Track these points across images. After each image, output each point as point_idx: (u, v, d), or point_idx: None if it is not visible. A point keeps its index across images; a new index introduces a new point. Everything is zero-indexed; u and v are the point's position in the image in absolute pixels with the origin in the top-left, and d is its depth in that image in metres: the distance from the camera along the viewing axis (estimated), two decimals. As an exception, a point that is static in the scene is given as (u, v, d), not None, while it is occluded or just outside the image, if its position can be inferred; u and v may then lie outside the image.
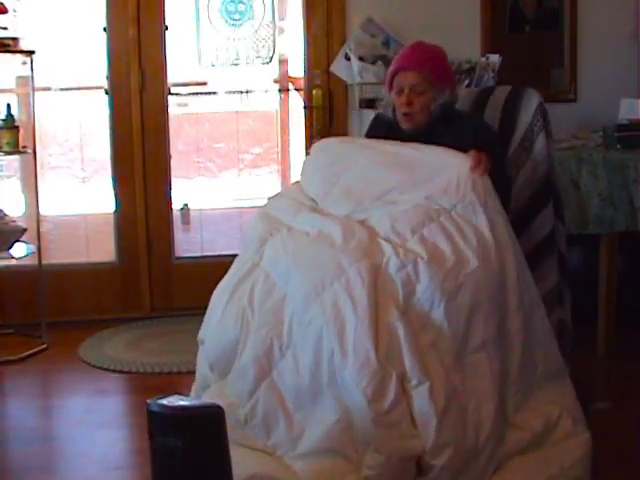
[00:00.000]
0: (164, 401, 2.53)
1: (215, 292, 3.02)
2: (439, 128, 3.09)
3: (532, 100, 3.25)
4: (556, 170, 3.30)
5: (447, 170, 2.84)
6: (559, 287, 3.16)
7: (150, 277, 4.72)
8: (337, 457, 2.54)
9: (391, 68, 3.22)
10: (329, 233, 2.84)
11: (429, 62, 3.13)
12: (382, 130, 3.22)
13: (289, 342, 2.67)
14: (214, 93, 4.93)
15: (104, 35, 4.58)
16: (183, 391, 3.09)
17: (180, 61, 4.75)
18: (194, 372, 3.38)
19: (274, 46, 4.79)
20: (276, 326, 2.70)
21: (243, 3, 4.74)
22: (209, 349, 2.94)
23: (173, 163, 4.74)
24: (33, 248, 4.24)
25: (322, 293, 2.67)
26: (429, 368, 2.52)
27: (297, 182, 3.25)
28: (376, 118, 3.37)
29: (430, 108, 3.10)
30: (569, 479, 2.59)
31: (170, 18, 4.64)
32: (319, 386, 2.59)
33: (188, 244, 4.89)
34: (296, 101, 4.90)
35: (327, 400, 2.58)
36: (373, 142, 3.15)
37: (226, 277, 3.01)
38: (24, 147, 4.23)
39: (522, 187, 3.15)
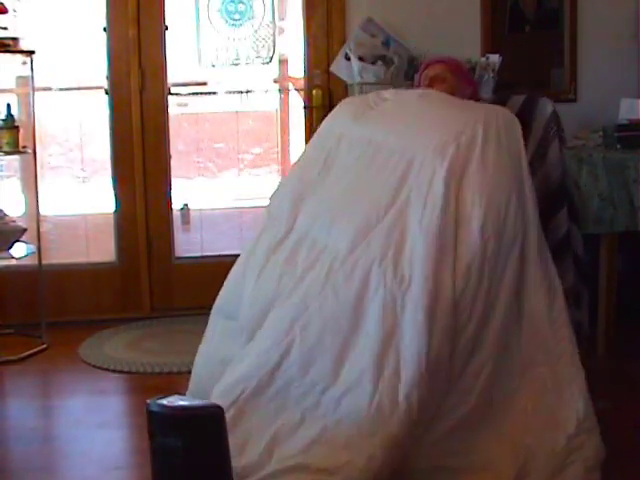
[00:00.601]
0: (164, 401, 2.53)
1: (238, 264, 3.10)
2: None
3: (546, 108, 3.33)
4: (570, 174, 3.36)
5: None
6: (576, 288, 3.19)
7: (150, 277, 4.72)
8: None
9: (422, 67, 3.48)
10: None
11: (455, 61, 3.42)
12: None
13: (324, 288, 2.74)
14: (214, 93, 4.93)
15: (104, 35, 4.58)
16: (183, 391, 3.11)
17: (180, 61, 4.75)
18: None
19: (274, 46, 4.79)
20: (316, 277, 2.78)
21: (243, 3, 4.74)
22: (245, 314, 2.97)
23: (173, 163, 4.74)
24: (33, 248, 4.24)
25: (374, 227, 2.78)
26: None
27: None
28: None
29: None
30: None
31: (170, 18, 4.64)
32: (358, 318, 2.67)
33: (188, 244, 4.90)
34: (296, 101, 4.90)
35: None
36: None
37: (251, 248, 3.10)
38: (24, 147, 4.23)
39: (537, 192, 3.16)
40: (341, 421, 2.61)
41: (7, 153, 4.22)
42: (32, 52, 4.16)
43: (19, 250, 4.20)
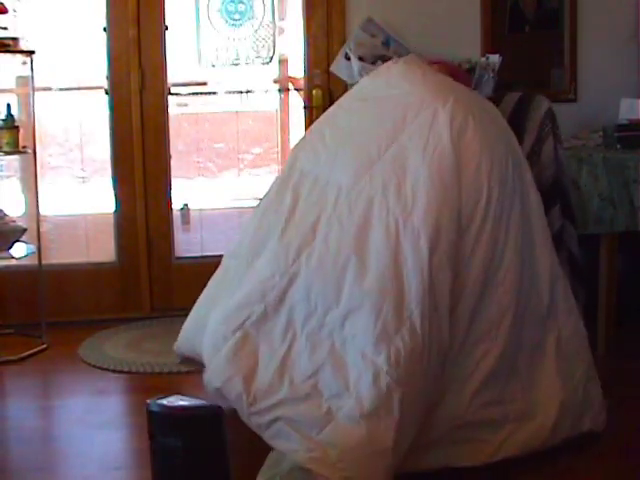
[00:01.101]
0: (164, 401, 2.53)
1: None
2: None
3: (541, 106, 3.34)
4: (565, 172, 3.36)
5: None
6: (571, 286, 3.19)
7: (150, 277, 4.72)
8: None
9: None
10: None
11: (450, 62, 3.57)
12: None
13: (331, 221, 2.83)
14: (214, 93, 4.93)
15: (104, 35, 4.58)
16: (183, 391, 3.11)
17: (180, 61, 4.75)
18: (194, 372, 3.39)
19: (274, 46, 4.79)
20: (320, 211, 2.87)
21: (243, 3, 4.74)
22: (246, 244, 3.10)
23: (173, 163, 4.74)
24: (33, 248, 4.24)
25: (377, 161, 2.87)
26: None
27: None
28: None
29: None
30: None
31: (170, 18, 4.64)
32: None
33: (188, 244, 4.89)
34: (296, 101, 4.90)
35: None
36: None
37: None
38: (24, 147, 4.23)
39: None
40: (346, 341, 2.64)
41: (7, 153, 4.22)
42: (32, 52, 4.16)
43: (19, 250, 4.20)
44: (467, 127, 2.86)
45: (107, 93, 4.63)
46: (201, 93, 4.92)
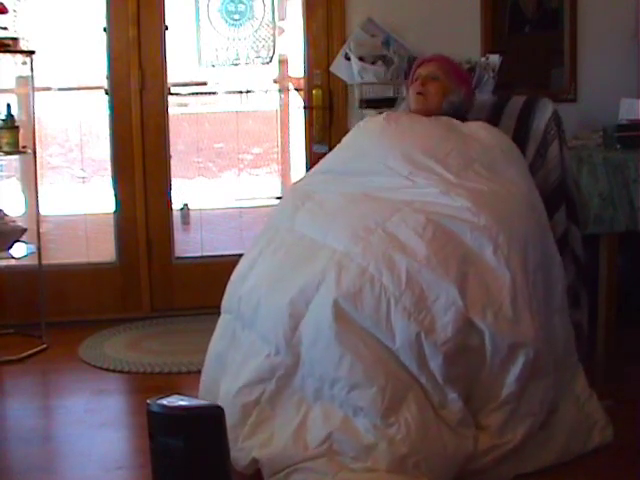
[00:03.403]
0: (164, 401, 2.53)
1: (243, 259, 3.13)
2: None
3: (546, 109, 3.34)
4: (571, 175, 3.36)
5: None
6: (574, 288, 3.22)
7: (150, 277, 4.72)
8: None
9: (414, 65, 3.47)
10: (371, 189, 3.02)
11: (449, 60, 3.42)
12: None
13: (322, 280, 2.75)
14: (214, 93, 4.93)
15: (104, 35, 4.58)
16: (183, 391, 3.10)
17: (180, 61, 4.75)
18: (194, 372, 3.40)
19: (274, 46, 4.79)
20: (313, 274, 2.78)
21: (243, 3, 4.74)
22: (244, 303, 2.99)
23: (173, 163, 4.74)
24: (33, 248, 4.24)
25: (371, 234, 2.80)
26: None
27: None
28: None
29: (443, 96, 3.24)
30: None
31: (170, 18, 4.64)
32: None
33: (188, 244, 4.89)
34: (296, 101, 4.90)
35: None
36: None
37: (256, 241, 3.14)
38: (24, 147, 4.23)
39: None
40: (357, 412, 2.65)
41: (7, 153, 4.22)
42: (32, 52, 4.16)
43: (19, 250, 4.20)
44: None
45: (107, 93, 4.63)
46: (201, 93, 4.92)
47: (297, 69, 4.83)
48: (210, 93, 4.92)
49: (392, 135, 3.20)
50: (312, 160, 4.60)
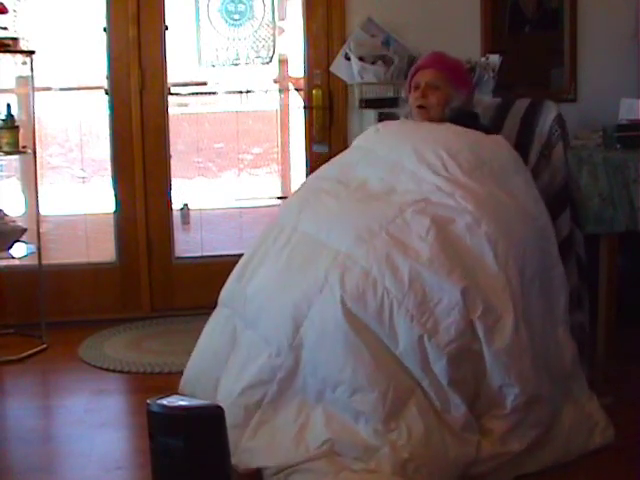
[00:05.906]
0: (164, 401, 2.53)
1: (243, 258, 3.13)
2: None
3: (550, 111, 3.34)
4: (573, 177, 3.37)
5: None
6: (578, 290, 3.22)
7: (150, 277, 4.72)
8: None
9: (411, 71, 3.41)
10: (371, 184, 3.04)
11: (447, 62, 3.35)
12: None
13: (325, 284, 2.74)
14: (214, 93, 4.93)
15: (104, 35, 4.58)
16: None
17: (180, 61, 4.75)
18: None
19: (274, 46, 4.79)
20: (316, 276, 2.78)
21: (243, 3, 4.74)
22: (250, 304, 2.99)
23: (173, 163, 4.74)
24: (33, 248, 4.24)
25: (374, 236, 2.79)
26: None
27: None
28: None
29: (445, 105, 3.22)
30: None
31: (170, 18, 4.64)
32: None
33: (188, 244, 4.89)
34: (296, 101, 4.90)
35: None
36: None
37: (258, 242, 3.13)
38: (24, 147, 4.23)
39: (541, 194, 3.18)
40: (359, 417, 2.65)
41: (7, 153, 4.22)
42: (32, 52, 4.16)
43: (19, 250, 4.20)
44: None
45: (107, 93, 4.63)
46: (201, 93, 4.92)
47: (297, 69, 4.83)
48: (210, 93, 4.92)
49: (407, 130, 3.25)
50: (312, 160, 4.61)
